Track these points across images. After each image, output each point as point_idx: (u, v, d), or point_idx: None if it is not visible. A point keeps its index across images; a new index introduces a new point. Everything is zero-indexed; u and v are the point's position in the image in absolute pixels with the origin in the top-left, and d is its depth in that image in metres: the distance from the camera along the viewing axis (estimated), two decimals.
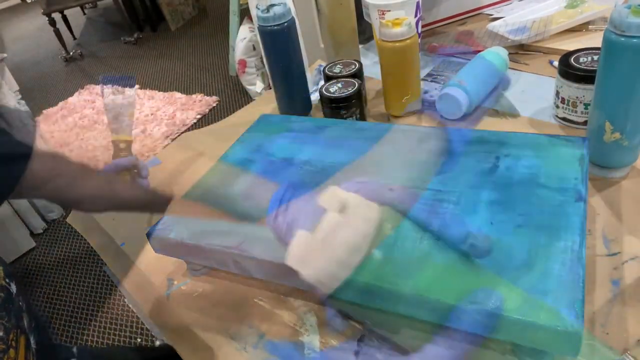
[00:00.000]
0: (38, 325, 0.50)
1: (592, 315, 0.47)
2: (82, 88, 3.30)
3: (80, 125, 2.80)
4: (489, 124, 0.75)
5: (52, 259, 1.90)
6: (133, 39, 3.90)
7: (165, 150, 0.94)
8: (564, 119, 0.72)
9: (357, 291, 0.48)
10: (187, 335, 0.56)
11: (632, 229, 0.54)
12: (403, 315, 0.48)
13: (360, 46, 1.03)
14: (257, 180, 0.51)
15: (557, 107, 0.72)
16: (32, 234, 2.00)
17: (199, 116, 2.64)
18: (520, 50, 0.92)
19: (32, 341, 0.47)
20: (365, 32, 1.08)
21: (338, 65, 0.85)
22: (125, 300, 1.60)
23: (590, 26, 0.92)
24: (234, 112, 1.01)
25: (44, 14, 3.59)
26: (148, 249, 0.62)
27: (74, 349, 0.57)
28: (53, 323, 1.62)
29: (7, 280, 0.47)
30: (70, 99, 3.18)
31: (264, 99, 1.01)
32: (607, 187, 0.60)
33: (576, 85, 0.67)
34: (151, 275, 0.64)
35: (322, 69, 0.91)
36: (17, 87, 2.02)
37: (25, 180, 0.33)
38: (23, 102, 1.99)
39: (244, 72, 2.47)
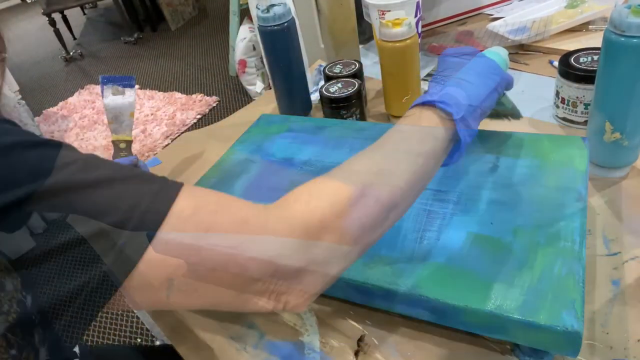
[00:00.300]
0: (50, 336, 0.50)
1: (592, 315, 0.47)
2: (82, 88, 3.30)
3: (80, 125, 2.80)
4: (489, 124, 0.75)
5: (52, 259, 1.90)
6: (133, 39, 3.89)
7: (165, 150, 0.94)
8: (564, 119, 0.72)
9: (357, 291, 0.48)
10: (188, 335, 0.56)
11: (632, 229, 0.54)
12: (403, 315, 0.49)
13: (360, 46, 1.03)
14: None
15: (557, 107, 0.72)
16: (32, 234, 1.99)
17: (199, 116, 2.64)
18: (520, 50, 0.92)
19: (41, 355, 0.46)
20: (365, 32, 1.09)
21: (338, 65, 0.85)
22: (126, 300, 1.60)
23: (590, 26, 0.92)
24: (234, 112, 1.01)
25: (44, 14, 3.59)
26: (148, 249, 0.62)
27: (76, 349, 0.57)
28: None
29: (23, 293, 0.46)
30: (70, 99, 3.18)
31: (264, 99, 1.01)
32: (607, 187, 0.60)
33: (576, 85, 0.67)
34: (151, 275, 0.64)
35: (322, 69, 0.91)
36: (17, 87, 2.03)
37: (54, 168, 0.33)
38: (23, 102, 1.99)
39: (244, 72, 2.47)
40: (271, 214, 0.37)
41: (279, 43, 0.78)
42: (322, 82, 0.87)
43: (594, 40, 0.88)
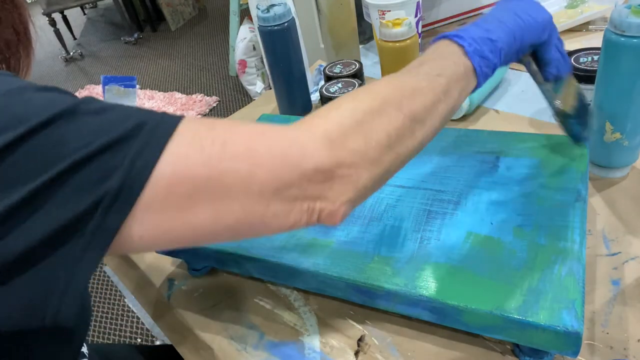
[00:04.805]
0: None
1: (592, 315, 0.47)
2: (82, 88, 3.30)
3: None
4: (489, 124, 0.75)
5: None
6: (133, 39, 3.89)
7: None
8: None
9: (357, 291, 0.48)
10: (188, 335, 0.56)
11: (632, 229, 0.54)
12: (403, 315, 0.49)
13: (361, 46, 1.03)
14: None
15: None
16: None
17: (199, 116, 2.64)
18: None
19: None
20: (365, 32, 1.09)
21: (338, 66, 0.85)
22: (125, 300, 1.60)
23: (590, 26, 0.92)
24: (234, 112, 1.01)
25: (44, 14, 3.59)
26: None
27: (84, 349, 0.56)
28: None
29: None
30: None
31: (264, 99, 1.01)
32: (607, 187, 0.60)
33: None
34: (151, 275, 0.64)
35: (322, 69, 0.91)
36: None
37: None
38: None
39: (244, 72, 2.47)
40: (289, 127, 0.36)
41: (279, 43, 0.78)
42: (322, 82, 0.87)
43: (594, 40, 0.88)
